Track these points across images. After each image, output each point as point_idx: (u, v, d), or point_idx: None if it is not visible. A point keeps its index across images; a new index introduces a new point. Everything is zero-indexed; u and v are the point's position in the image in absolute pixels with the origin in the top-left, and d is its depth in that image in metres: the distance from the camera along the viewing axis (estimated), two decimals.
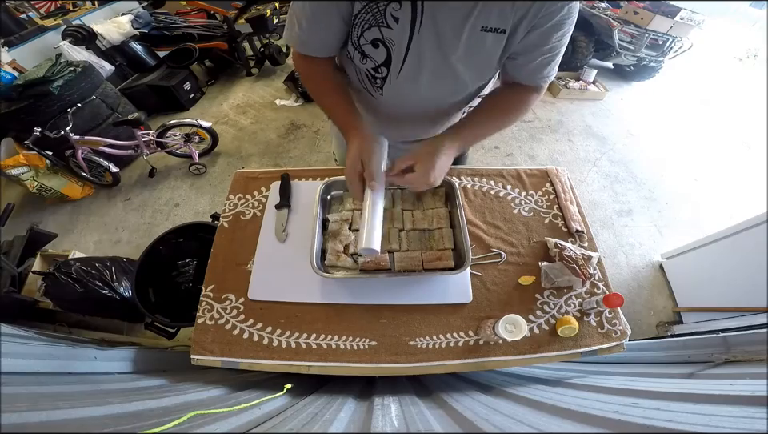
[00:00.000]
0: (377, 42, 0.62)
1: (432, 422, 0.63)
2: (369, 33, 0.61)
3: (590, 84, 3.51)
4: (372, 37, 0.61)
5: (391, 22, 0.58)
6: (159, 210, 2.35)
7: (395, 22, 0.58)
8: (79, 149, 2.10)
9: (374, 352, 0.78)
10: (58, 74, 2.11)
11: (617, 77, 3.95)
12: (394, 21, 0.58)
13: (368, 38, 0.62)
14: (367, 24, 0.60)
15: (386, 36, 0.60)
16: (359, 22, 0.60)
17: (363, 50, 0.65)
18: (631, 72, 3.85)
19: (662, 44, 3.41)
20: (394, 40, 0.61)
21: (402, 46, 0.61)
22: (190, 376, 0.86)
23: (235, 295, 0.84)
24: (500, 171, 1.09)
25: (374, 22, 0.59)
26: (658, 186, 2.62)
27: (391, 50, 0.62)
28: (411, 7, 0.55)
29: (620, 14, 3.51)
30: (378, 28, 0.59)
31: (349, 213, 0.94)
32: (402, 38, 0.60)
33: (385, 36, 0.61)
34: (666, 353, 1.04)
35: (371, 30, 0.60)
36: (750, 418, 0.49)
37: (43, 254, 1.72)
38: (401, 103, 0.78)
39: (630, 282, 2.02)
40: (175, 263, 1.46)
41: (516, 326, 0.70)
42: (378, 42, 0.62)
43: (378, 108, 0.81)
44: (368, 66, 0.68)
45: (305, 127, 2.99)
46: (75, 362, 0.75)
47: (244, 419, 0.61)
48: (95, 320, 1.69)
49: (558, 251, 0.87)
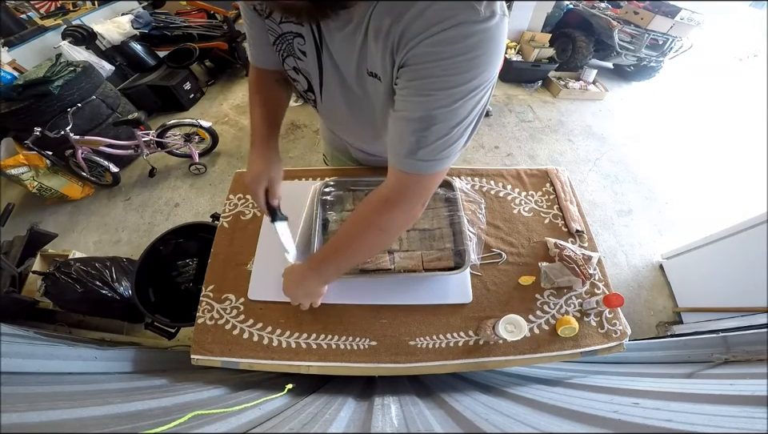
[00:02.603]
0: (296, 70, 0.64)
1: (432, 422, 0.63)
2: (288, 60, 0.63)
3: (590, 84, 3.51)
4: (291, 65, 0.63)
5: (300, 55, 0.59)
6: (159, 210, 2.35)
7: (304, 55, 0.58)
8: (79, 149, 2.10)
9: (374, 352, 0.78)
10: (58, 74, 2.10)
11: (617, 77, 3.95)
12: (303, 54, 0.58)
13: (289, 65, 0.63)
14: (285, 53, 0.61)
15: (301, 66, 0.62)
16: (278, 51, 0.62)
17: (290, 75, 0.67)
18: (631, 72, 3.86)
19: (661, 44, 3.41)
20: (308, 70, 0.62)
21: (315, 76, 0.62)
22: (190, 376, 0.86)
23: (235, 295, 0.84)
24: (500, 171, 1.09)
25: (289, 52, 0.60)
26: (658, 186, 2.62)
27: (309, 78, 0.64)
28: (313, 42, 0.54)
29: (620, 14, 3.51)
30: (293, 58, 0.61)
31: (349, 213, 0.94)
32: (313, 70, 0.60)
33: (300, 66, 0.62)
34: (665, 353, 1.04)
35: (289, 59, 0.62)
36: (749, 418, 0.49)
37: (43, 254, 1.72)
38: (335, 121, 0.79)
39: (630, 282, 2.02)
40: (175, 263, 1.46)
41: (516, 326, 0.70)
42: (297, 71, 0.64)
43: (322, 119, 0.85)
44: (299, 88, 0.70)
45: (305, 127, 2.99)
46: (75, 362, 0.75)
47: (244, 419, 0.60)
48: (95, 320, 1.69)
49: (558, 251, 0.87)
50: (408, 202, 0.55)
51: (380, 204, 0.57)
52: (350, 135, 0.86)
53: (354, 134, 0.84)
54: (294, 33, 0.56)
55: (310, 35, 0.54)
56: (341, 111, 0.68)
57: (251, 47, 0.70)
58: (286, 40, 0.58)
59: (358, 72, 0.54)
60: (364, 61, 0.51)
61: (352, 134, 0.85)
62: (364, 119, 0.67)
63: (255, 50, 0.70)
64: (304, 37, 0.55)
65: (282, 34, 0.58)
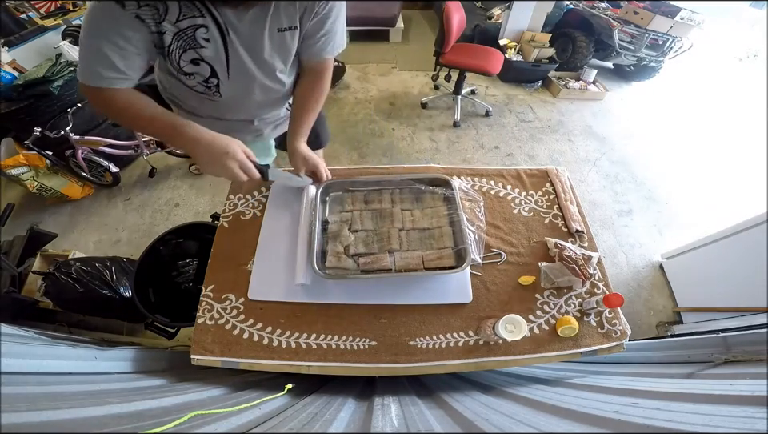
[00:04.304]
0: (197, 61, 0.71)
1: (432, 422, 0.63)
2: (186, 55, 0.69)
3: (590, 84, 3.50)
4: (190, 58, 0.70)
5: (204, 43, 0.68)
6: (159, 210, 2.34)
7: (207, 42, 0.68)
8: (79, 149, 2.10)
9: (374, 352, 0.78)
10: (58, 74, 2.10)
11: (617, 77, 3.95)
12: (206, 41, 0.68)
13: (187, 59, 0.70)
14: (181, 49, 0.68)
15: (203, 54, 0.70)
16: (174, 51, 0.68)
17: (185, 71, 0.73)
18: (631, 72, 3.85)
19: (661, 44, 3.40)
20: (211, 55, 0.71)
21: (221, 59, 0.72)
22: (190, 376, 0.86)
23: (235, 295, 0.84)
24: (500, 171, 1.09)
25: (188, 46, 0.68)
26: (658, 186, 2.62)
27: (212, 64, 0.73)
28: (217, 28, 0.67)
29: (620, 14, 3.51)
30: (193, 50, 0.69)
31: (348, 214, 0.94)
32: (218, 53, 0.71)
33: (202, 55, 0.70)
34: (665, 353, 1.04)
35: (187, 53, 0.69)
36: (749, 418, 0.49)
37: (43, 254, 1.72)
38: (241, 96, 0.86)
39: (630, 282, 2.02)
40: (175, 263, 1.46)
41: (516, 326, 0.70)
42: (198, 61, 0.71)
43: (220, 105, 0.87)
44: (197, 80, 0.76)
45: None
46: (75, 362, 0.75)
47: (244, 419, 0.60)
48: (95, 320, 1.69)
49: (558, 251, 0.87)
50: (329, 74, 0.92)
51: (322, 81, 0.91)
52: (252, 107, 0.93)
53: (260, 103, 0.92)
54: (197, 25, 0.65)
55: (212, 23, 0.65)
56: (249, 83, 0.81)
57: (114, 67, 0.64)
58: (186, 35, 0.66)
59: (270, 35, 0.72)
60: (276, 22, 0.71)
61: (256, 104, 0.92)
62: (268, 81, 0.84)
63: (124, 62, 0.64)
64: (207, 26, 0.66)
65: (180, 30, 0.65)
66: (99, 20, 0.61)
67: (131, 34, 0.62)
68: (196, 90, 0.81)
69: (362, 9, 3.75)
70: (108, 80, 0.66)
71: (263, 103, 0.93)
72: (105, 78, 0.65)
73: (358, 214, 0.94)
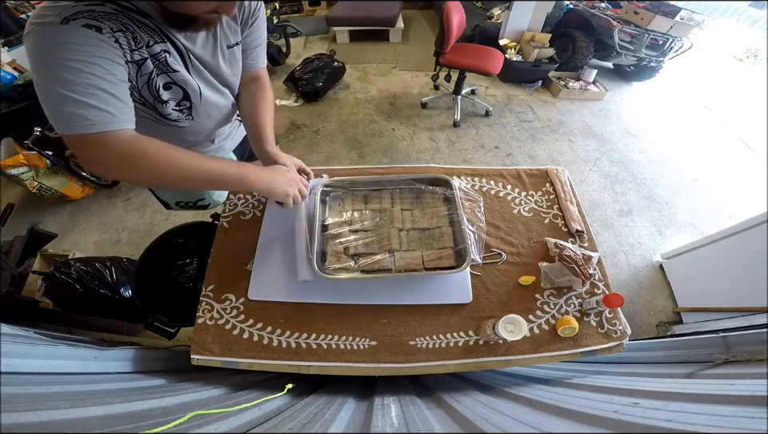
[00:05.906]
0: (168, 85, 0.73)
1: (432, 422, 0.63)
2: (159, 79, 0.71)
3: (590, 84, 3.50)
4: (163, 82, 0.72)
5: (175, 66, 0.71)
6: (159, 210, 2.34)
7: (176, 64, 0.71)
8: None
9: (374, 352, 0.78)
10: None
11: (617, 77, 3.95)
12: (175, 63, 0.71)
13: (160, 84, 0.71)
14: (156, 72, 0.69)
15: (176, 78, 0.73)
16: (149, 75, 0.69)
17: (161, 97, 0.74)
18: (631, 72, 3.85)
19: (662, 44, 3.40)
20: (182, 78, 0.74)
21: (189, 81, 0.76)
22: (190, 376, 0.86)
23: (235, 295, 0.85)
24: (500, 171, 1.09)
25: (162, 69, 0.70)
26: (658, 186, 2.62)
27: (184, 87, 0.76)
28: (177, 52, 0.70)
29: (620, 14, 3.50)
30: (165, 74, 0.71)
31: (348, 214, 0.94)
32: (186, 75, 0.74)
33: (174, 78, 0.73)
34: (665, 353, 1.04)
35: (160, 78, 0.71)
36: (749, 418, 0.49)
37: (43, 254, 1.72)
38: (209, 116, 0.89)
39: (630, 282, 2.02)
40: (175, 263, 1.46)
41: (516, 326, 0.70)
42: (170, 84, 0.74)
43: (187, 130, 0.88)
44: (171, 106, 0.77)
45: (305, 127, 2.99)
46: (75, 362, 0.75)
47: (244, 419, 0.60)
48: (95, 320, 1.68)
49: (558, 251, 0.87)
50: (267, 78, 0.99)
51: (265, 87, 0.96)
52: (216, 125, 0.96)
53: (221, 121, 0.96)
54: (165, 50, 0.67)
55: (172, 47, 0.69)
56: (218, 100, 0.87)
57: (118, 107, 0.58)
58: (159, 59, 0.67)
59: (222, 53, 0.79)
60: (225, 39, 0.78)
61: (219, 122, 0.95)
62: (229, 95, 0.91)
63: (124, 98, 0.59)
64: (169, 51, 0.68)
65: (155, 54, 0.66)
66: (75, 48, 0.52)
67: (115, 63, 0.57)
68: (168, 119, 0.79)
69: (362, 9, 3.75)
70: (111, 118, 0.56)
71: (222, 121, 0.96)
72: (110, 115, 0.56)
73: (358, 215, 0.94)
